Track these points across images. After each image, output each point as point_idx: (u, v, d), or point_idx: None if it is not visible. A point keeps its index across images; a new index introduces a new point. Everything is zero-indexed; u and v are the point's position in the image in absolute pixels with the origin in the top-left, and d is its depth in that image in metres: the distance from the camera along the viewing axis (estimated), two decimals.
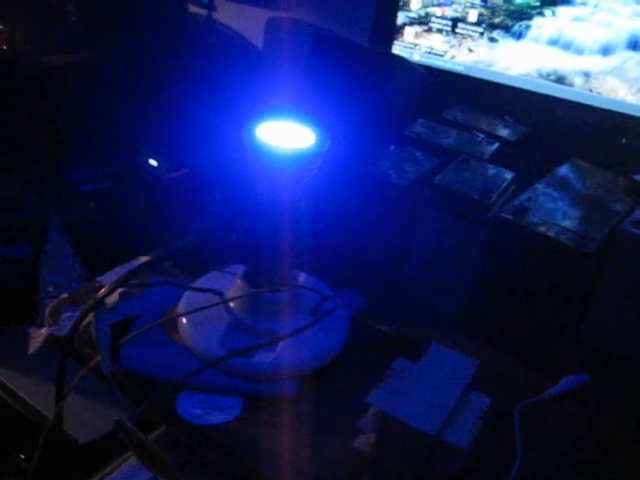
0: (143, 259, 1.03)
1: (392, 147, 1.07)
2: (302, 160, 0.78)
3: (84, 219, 1.50)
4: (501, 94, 1.30)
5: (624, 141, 1.20)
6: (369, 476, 0.73)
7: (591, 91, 1.26)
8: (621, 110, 1.23)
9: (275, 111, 0.83)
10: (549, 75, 1.30)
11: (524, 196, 0.95)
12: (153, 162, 1.35)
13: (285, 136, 0.81)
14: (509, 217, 0.88)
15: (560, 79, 1.29)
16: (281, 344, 0.84)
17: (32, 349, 0.94)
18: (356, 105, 1.02)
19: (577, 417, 0.87)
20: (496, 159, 1.07)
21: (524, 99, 1.29)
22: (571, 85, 1.28)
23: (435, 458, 0.71)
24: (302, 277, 0.94)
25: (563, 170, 1.07)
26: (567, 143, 1.20)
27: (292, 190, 0.81)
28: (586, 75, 1.27)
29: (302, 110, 0.84)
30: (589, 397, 0.89)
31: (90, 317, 0.77)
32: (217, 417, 0.80)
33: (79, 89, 1.49)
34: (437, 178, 0.95)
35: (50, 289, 1.37)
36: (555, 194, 0.98)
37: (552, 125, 1.24)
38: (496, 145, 1.12)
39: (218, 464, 0.79)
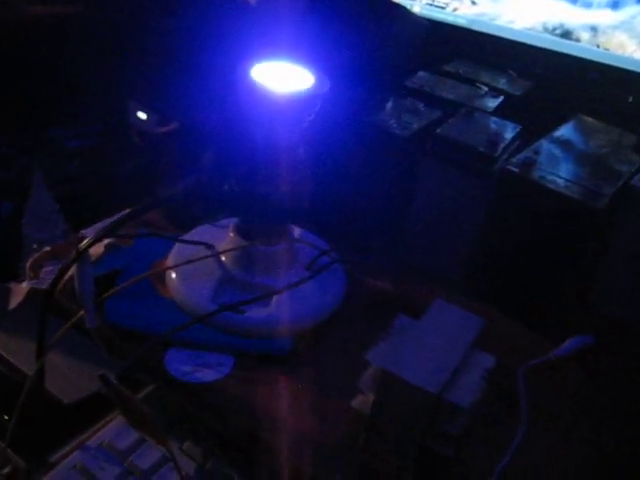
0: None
1: (393, 97, 1.02)
2: (300, 102, 0.74)
3: (69, 176, 1.46)
4: (505, 49, 1.25)
5: (631, 99, 1.16)
6: (368, 437, 0.70)
7: (598, 47, 1.21)
8: (629, 67, 1.18)
9: (271, 52, 0.78)
10: (555, 29, 1.25)
11: (531, 149, 0.90)
12: (142, 115, 1.30)
13: (282, 78, 0.76)
14: (515, 170, 0.84)
15: (566, 34, 1.24)
16: (275, 299, 0.80)
17: (13, 304, 0.90)
18: (355, 53, 0.98)
19: (582, 379, 0.84)
20: (500, 113, 1.03)
21: (528, 54, 1.24)
22: (577, 40, 1.23)
23: (437, 418, 0.67)
24: (298, 230, 0.89)
25: (570, 126, 1.03)
26: (572, 100, 1.15)
27: (289, 135, 0.76)
28: (593, 30, 1.22)
29: (299, 53, 0.79)
30: (594, 359, 0.86)
31: (73, 269, 0.73)
32: (207, 375, 0.76)
33: (65, 40, 1.43)
34: (440, 129, 0.90)
35: (34, 246, 1.32)
36: (562, 149, 0.94)
37: (557, 81, 1.19)
38: (500, 99, 1.07)
39: (208, 424, 0.75)
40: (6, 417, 0.89)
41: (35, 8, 1.43)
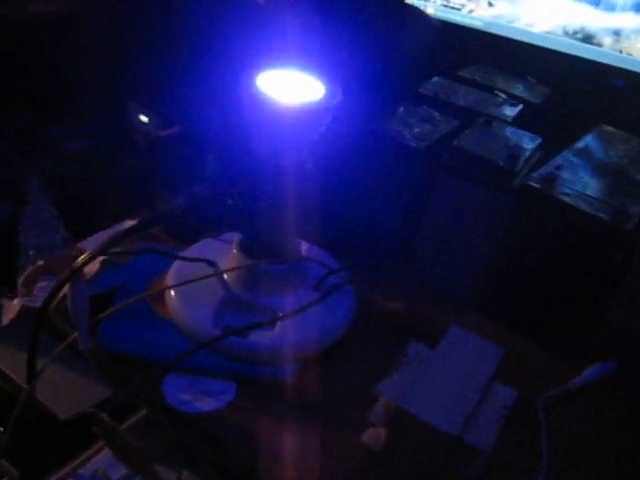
0: (129, 223, 0.94)
1: (406, 105, 0.97)
2: (309, 115, 0.68)
3: (69, 179, 1.42)
4: (522, 53, 1.20)
5: None
6: (378, 475, 0.65)
7: (621, 52, 1.16)
8: None
9: (278, 59, 0.73)
10: (575, 33, 1.20)
11: (553, 164, 0.85)
12: (143, 118, 1.25)
13: (290, 87, 0.71)
14: (537, 186, 0.79)
15: (587, 38, 1.19)
16: (281, 322, 0.75)
17: (5, 320, 0.86)
18: (367, 58, 0.92)
19: (605, 408, 0.79)
20: (519, 122, 0.98)
21: (547, 59, 1.19)
22: (599, 45, 1.18)
23: (454, 459, 0.62)
24: (305, 247, 0.84)
25: (591, 137, 0.98)
26: (593, 108, 1.10)
27: (297, 150, 0.71)
28: (616, 34, 1.17)
29: (309, 60, 0.74)
30: (618, 386, 0.81)
31: (66, 288, 0.68)
32: (207, 404, 0.71)
33: (67, 39, 1.39)
34: (457, 141, 0.85)
35: (31, 252, 1.28)
36: (584, 163, 0.89)
37: (577, 88, 1.14)
38: (519, 107, 1.02)
39: (207, 455, 0.71)
40: (1, 429, 0.86)
41: (36, 6, 1.39)
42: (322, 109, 0.68)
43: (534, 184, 0.80)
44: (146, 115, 1.25)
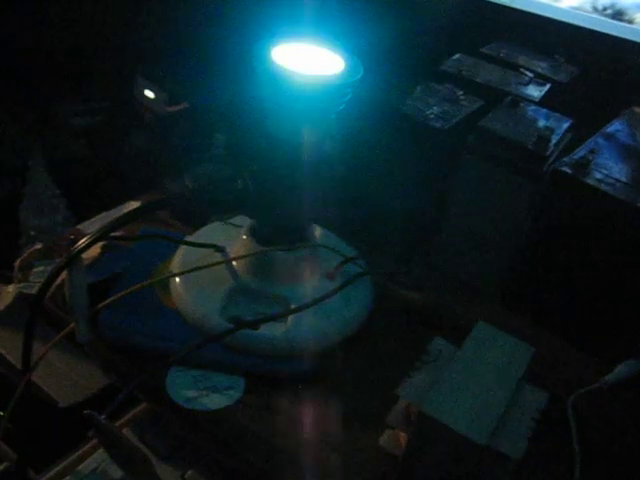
0: (133, 205, 0.89)
1: (428, 84, 0.91)
2: (329, 91, 0.63)
3: (72, 157, 1.37)
4: (549, 30, 1.14)
5: None
6: None
7: None
8: None
9: (294, 30, 0.67)
10: (605, 9, 1.14)
11: (585, 148, 0.80)
12: (150, 94, 1.20)
13: (307, 61, 0.65)
14: (568, 171, 0.74)
15: (618, 14, 1.13)
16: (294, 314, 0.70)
17: (1, 307, 0.82)
18: (388, 33, 0.87)
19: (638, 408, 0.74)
20: (547, 102, 0.92)
21: (575, 36, 1.13)
22: (630, 22, 1.12)
23: (481, 466, 0.57)
24: (319, 233, 0.79)
25: (624, 120, 0.92)
26: (623, 87, 1.04)
27: (314, 129, 0.66)
28: None
29: (327, 33, 0.68)
30: None
31: (64, 275, 0.63)
32: (214, 401, 0.67)
33: (69, 12, 1.34)
34: (483, 121, 0.80)
35: (32, 233, 1.24)
36: (617, 147, 0.84)
37: (607, 67, 1.08)
38: (547, 87, 0.97)
39: (213, 455, 0.66)
40: (1, 413, 0.84)
41: None
42: (342, 84, 0.63)
43: (566, 169, 0.75)
44: (152, 90, 1.20)
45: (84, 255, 0.64)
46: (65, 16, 1.31)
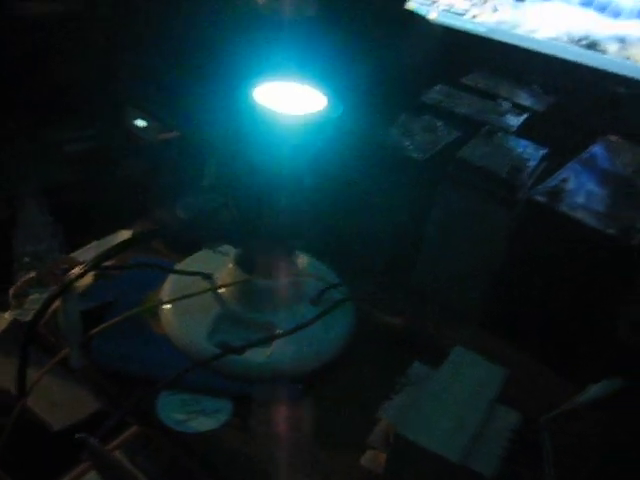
0: (124, 234, 0.92)
1: (408, 115, 0.94)
2: (309, 128, 0.66)
3: (64, 184, 1.39)
4: (526, 60, 1.17)
5: None
6: None
7: (628, 59, 1.13)
8: None
9: (278, 70, 0.71)
10: (580, 40, 1.17)
11: (558, 176, 0.83)
12: (141, 123, 1.23)
13: (289, 99, 0.69)
14: (542, 199, 0.77)
15: (592, 45, 1.16)
16: (278, 339, 0.73)
17: None
18: (366, 66, 0.90)
19: (612, 427, 0.77)
20: (523, 131, 0.95)
21: (552, 66, 1.16)
22: (605, 52, 1.15)
23: None
24: (303, 261, 0.82)
25: (598, 148, 0.95)
26: (599, 117, 1.08)
27: (295, 163, 0.69)
28: (622, 41, 1.15)
29: (307, 70, 0.72)
30: (624, 404, 0.79)
31: (58, 303, 0.66)
32: (202, 423, 0.69)
33: (63, 40, 1.37)
34: (460, 152, 0.83)
35: (26, 259, 1.26)
36: (590, 175, 0.87)
37: (582, 97, 1.12)
38: (523, 116, 1.00)
39: (202, 476, 0.69)
40: None
41: (33, 5, 1.37)
42: (322, 122, 0.66)
43: (539, 197, 0.78)
44: (144, 119, 1.23)
45: (76, 283, 0.66)
46: (57, 44, 1.34)
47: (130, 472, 0.59)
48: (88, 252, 0.90)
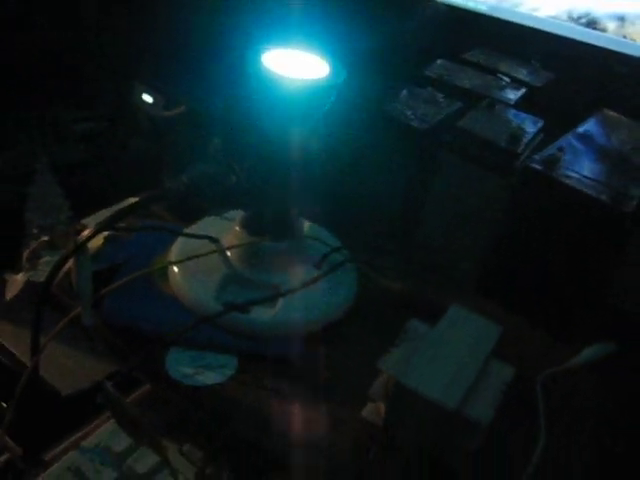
0: (132, 201, 0.95)
1: (410, 87, 0.97)
2: (315, 93, 0.69)
3: (73, 161, 1.42)
4: (527, 37, 1.20)
5: None
6: (379, 449, 0.66)
7: (625, 37, 1.16)
8: None
9: (283, 37, 0.73)
10: (580, 18, 1.19)
11: (554, 146, 0.86)
12: (147, 98, 1.25)
13: (295, 66, 0.71)
14: (538, 167, 0.80)
15: (592, 23, 1.19)
16: (282, 299, 0.76)
17: (9, 295, 0.86)
18: (372, 39, 0.93)
19: (603, 389, 0.80)
20: (522, 105, 0.98)
21: (552, 43, 1.19)
22: (604, 30, 1.18)
23: (453, 433, 0.63)
24: (308, 225, 0.85)
25: (594, 121, 0.98)
26: (596, 93, 1.10)
27: (302, 127, 0.72)
28: (620, 19, 1.17)
29: (313, 39, 0.74)
30: (615, 366, 0.82)
31: (70, 263, 0.69)
32: (208, 377, 0.72)
33: (70, 19, 1.39)
34: (460, 122, 0.85)
35: (35, 231, 1.29)
36: (586, 146, 0.89)
37: (581, 73, 1.14)
38: (522, 90, 1.02)
39: (209, 428, 0.72)
40: (4, 404, 0.87)
41: None
42: (326, 87, 0.69)
43: (535, 165, 0.80)
44: (150, 95, 1.25)
45: (88, 245, 0.69)
46: (66, 22, 1.36)
47: (142, 418, 0.62)
48: (98, 219, 0.92)
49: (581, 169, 0.82)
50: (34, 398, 0.71)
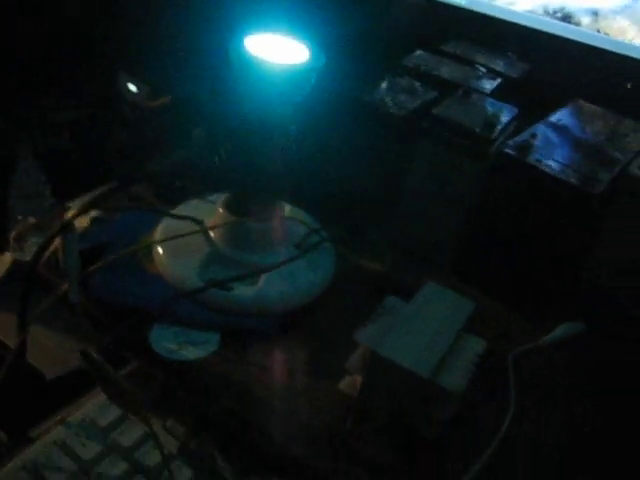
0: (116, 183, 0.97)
1: (389, 76, 1.00)
2: (295, 76, 0.71)
3: (58, 149, 1.43)
4: (504, 30, 1.23)
5: (629, 86, 1.14)
6: (355, 420, 0.69)
7: (599, 31, 1.19)
8: (629, 53, 1.17)
9: (264, 24, 0.76)
10: (555, 12, 1.23)
11: (527, 133, 0.89)
12: (132, 87, 1.27)
13: (275, 50, 0.74)
14: (511, 152, 0.83)
15: (566, 17, 1.22)
16: (264, 277, 0.78)
17: None
18: (351, 28, 0.95)
19: (573, 367, 0.83)
20: (498, 94, 1.01)
21: (528, 37, 1.22)
22: (578, 24, 1.21)
23: (426, 402, 0.66)
24: (289, 208, 0.88)
25: (567, 110, 1.01)
26: (570, 84, 1.13)
27: (283, 110, 0.74)
28: (594, 14, 1.21)
29: (294, 26, 0.77)
30: (585, 345, 0.85)
31: (57, 242, 0.71)
32: (192, 352, 0.74)
33: (54, 8, 1.40)
34: (436, 109, 0.88)
35: (20, 217, 1.30)
36: (559, 134, 0.92)
37: (555, 65, 1.18)
38: (498, 80, 1.05)
39: (193, 402, 0.74)
40: None
41: None
42: (305, 70, 0.71)
43: (509, 150, 0.83)
44: (135, 84, 1.27)
45: (75, 224, 0.71)
46: (49, 10, 1.36)
47: (128, 386, 0.64)
48: (84, 201, 0.94)
49: (552, 155, 0.85)
50: (21, 377, 0.72)
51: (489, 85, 1.03)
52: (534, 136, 0.87)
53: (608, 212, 0.86)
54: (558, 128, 0.93)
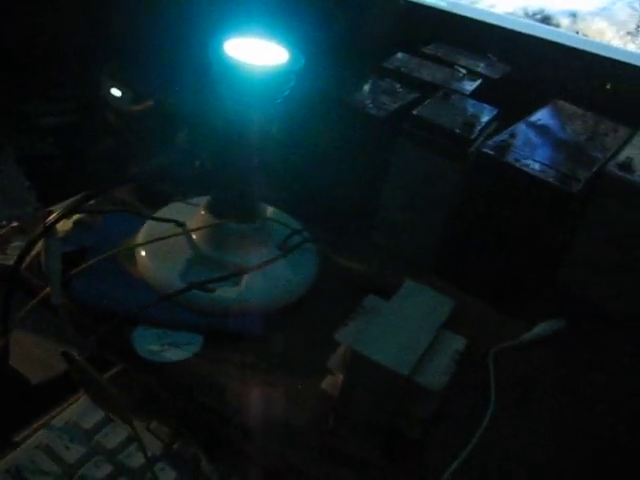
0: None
1: (369, 78, 1.01)
2: (274, 78, 0.72)
3: (42, 154, 1.43)
4: (484, 32, 1.24)
5: (608, 86, 1.15)
6: (336, 419, 0.69)
7: (577, 33, 1.20)
8: (607, 54, 1.18)
9: (244, 27, 0.76)
10: (535, 15, 1.24)
11: (506, 132, 0.89)
12: (116, 92, 1.27)
13: (255, 53, 0.74)
14: (490, 152, 0.83)
15: (546, 19, 1.23)
16: (245, 278, 0.79)
17: None
18: (331, 30, 0.96)
19: (553, 365, 0.84)
20: (478, 96, 1.02)
21: (508, 38, 1.23)
22: (557, 26, 1.22)
23: (406, 400, 0.66)
24: (270, 209, 0.88)
25: (547, 110, 1.02)
26: (550, 85, 1.15)
27: (263, 111, 0.75)
28: (573, 16, 1.22)
29: (273, 29, 0.78)
30: (565, 342, 0.86)
31: (40, 245, 0.71)
32: (175, 354, 0.75)
33: (41, 9, 1.40)
34: (416, 110, 0.89)
35: (3, 222, 1.30)
36: (538, 133, 0.93)
37: (535, 66, 1.19)
38: (478, 82, 1.06)
39: (176, 404, 0.74)
40: None
41: None
42: (285, 72, 0.72)
43: (488, 150, 0.84)
44: (119, 89, 1.27)
45: (58, 228, 0.72)
46: (33, 14, 1.36)
47: (109, 388, 0.64)
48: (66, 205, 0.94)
49: (532, 154, 0.85)
50: (4, 382, 0.73)
51: (469, 86, 1.04)
52: (513, 136, 0.88)
53: (586, 210, 0.87)
54: (538, 128, 0.94)
